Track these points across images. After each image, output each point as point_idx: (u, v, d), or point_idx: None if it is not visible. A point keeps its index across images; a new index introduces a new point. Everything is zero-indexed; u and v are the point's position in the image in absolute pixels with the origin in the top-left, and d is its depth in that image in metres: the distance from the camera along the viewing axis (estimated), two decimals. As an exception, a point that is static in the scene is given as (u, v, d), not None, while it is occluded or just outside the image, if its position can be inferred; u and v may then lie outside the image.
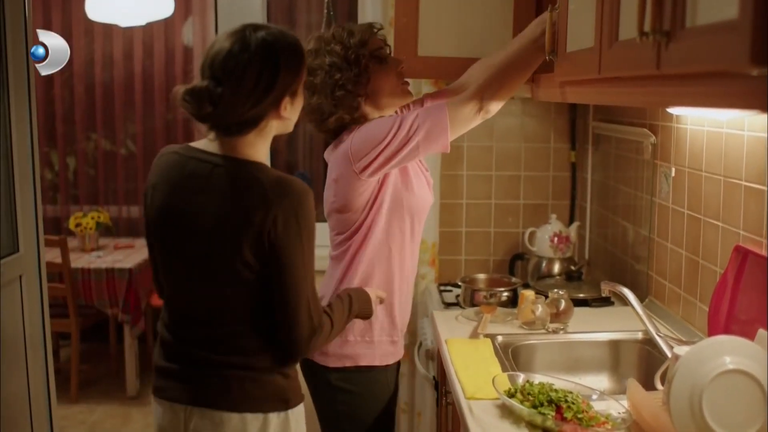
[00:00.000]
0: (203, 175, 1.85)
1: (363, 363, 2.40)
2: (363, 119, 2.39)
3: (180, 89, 1.80)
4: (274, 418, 1.89)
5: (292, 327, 1.85)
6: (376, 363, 2.41)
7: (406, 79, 2.45)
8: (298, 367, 2.04)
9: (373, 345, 2.40)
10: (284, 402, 1.93)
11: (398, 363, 2.51)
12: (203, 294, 1.89)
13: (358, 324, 2.36)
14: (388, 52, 2.43)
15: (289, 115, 1.89)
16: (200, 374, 1.90)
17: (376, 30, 2.42)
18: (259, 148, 1.89)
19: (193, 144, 1.94)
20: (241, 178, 1.83)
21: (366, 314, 2.22)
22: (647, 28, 1.42)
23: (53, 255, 4.53)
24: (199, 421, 1.88)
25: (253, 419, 1.87)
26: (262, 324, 1.88)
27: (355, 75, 2.34)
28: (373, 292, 2.29)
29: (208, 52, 1.82)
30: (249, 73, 1.78)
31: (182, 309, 1.95)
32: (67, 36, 5.62)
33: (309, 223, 1.85)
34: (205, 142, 1.90)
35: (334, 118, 2.36)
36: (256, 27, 1.83)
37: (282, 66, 1.81)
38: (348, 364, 2.39)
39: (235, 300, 1.86)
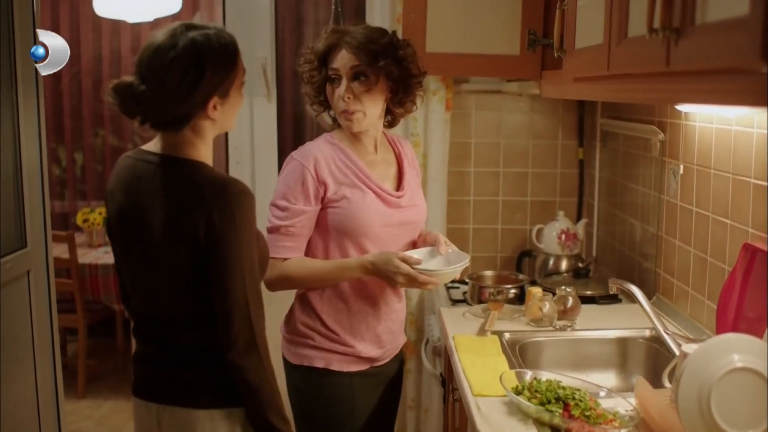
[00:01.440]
0: (148, 177, 1.87)
1: (317, 365, 2.39)
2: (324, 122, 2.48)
3: (109, 84, 1.81)
4: (241, 412, 1.90)
5: (226, 327, 1.83)
6: (333, 368, 2.39)
7: (348, 111, 2.34)
8: None
9: (321, 350, 2.39)
10: None
11: (364, 372, 2.45)
12: (158, 294, 1.91)
13: (301, 325, 2.40)
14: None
15: (219, 116, 1.86)
16: (166, 373, 1.93)
17: (345, 43, 2.33)
18: (199, 147, 1.88)
19: (143, 146, 1.95)
20: (178, 177, 1.85)
21: None
22: (657, 24, 1.42)
23: (61, 250, 4.55)
24: (169, 418, 1.92)
25: (220, 415, 1.89)
26: (213, 323, 1.87)
27: (308, 80, 2.41)
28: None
29: (142, 48, 1.83)
30: (173, 72, 1.77)
31: (143, 310, 1.98)
32: (74, 32, 5.64)
33: (246, 224, 1.83)
34: (153, 143, 1.92)
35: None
36: (189, 26, 1.82)
37: (208, 67, 1.78)
38: (305, 363, 2.40)
39: (186, 299, 1.88)
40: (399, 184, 2.48)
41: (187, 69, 1.77)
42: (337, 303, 2.40)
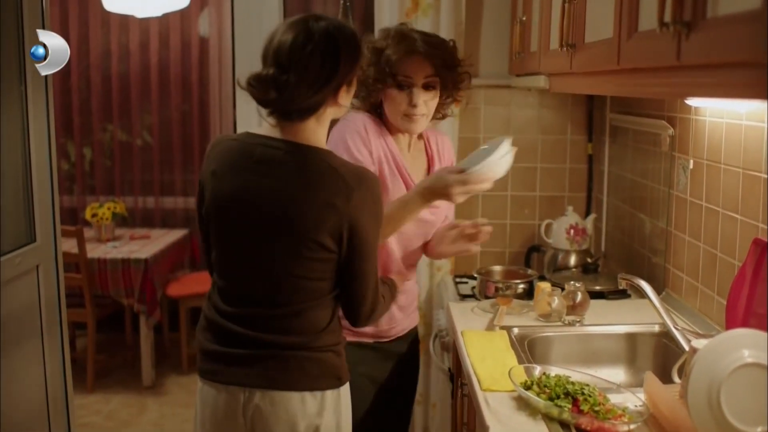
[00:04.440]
0: (273, 160, 1.91)
1: None
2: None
3: (245, 75, 1.87)
4: (329, 395, 1.97)
5: (360, 303, 1.98)
6: None
7: (415, 114, 2.37)
8: None
9: None
10: (338, 379, 2.00)
11: (361, 344, 2.49)
12: (268, 275, 1.93)
13: None
14: (410, 81, 2.36)
15: (345, 102, 1.96)
16: (259, 356, 1.95)
17: (422, 51, 2.34)
18: (319, 135, 1.96)
19: (255, 131, 1.99)
20: (315, 164, 1.90)
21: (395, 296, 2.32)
22: (668, 18, 1.41)
23: (70, 245, 4.56)
24: (259, 402, 1.94)
25: (311, 397, 1.94)
26: (325, 302, 1.96)
27: (371, 80, 2.39)
28: (397, 279, 2.39)
29: (270, 42, 1.89)
30: (313, 61, 1.84)
31: (241, 291, 1.98)
32: (83, 27, 5.66)
33: (381, 207, 1.97)
34: (267, 129, 1.96)
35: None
36: (318, 18, 1.90)
37: (342, 56, 1.87)
38: None
39: (304, 279, 1.92)
40: None
41: (325, 57, 1.85)
42: None
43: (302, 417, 1.93)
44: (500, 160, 2.19)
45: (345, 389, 2.03)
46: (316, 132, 1.94)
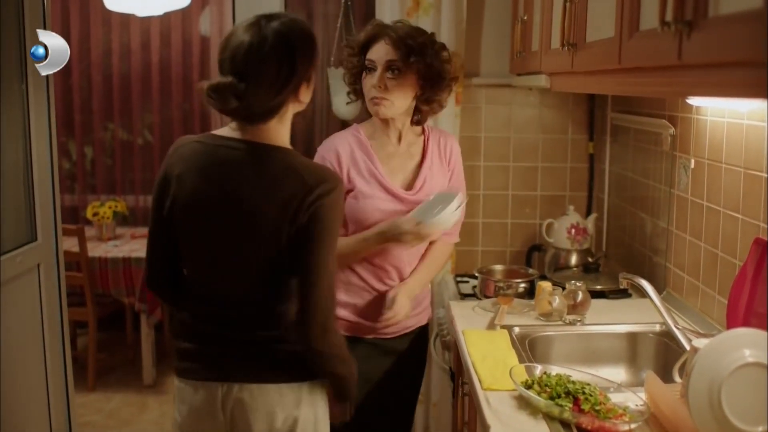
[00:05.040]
0: (235, 162, 1.91)
1: None
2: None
3: (204, 85, 1.85)
4: (306, 387, 1.97)
5: (312, 310, 1.90)
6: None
7: (378, 97, 2.46)
8: None
9: None
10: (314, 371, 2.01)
11: (358, 339, 2.54)
12: (237, 274, 1.95)
13: None
14: (374, 65, 2.47)
15: (305, 98, 1.97)
16: (235, 352, 1.96)
17: (387, 36, 2.46)
18: (281, 133, 1.96)
19: (215, 132, 1.99)
20: (277, 164, 1.90)
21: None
22: (669, 17, 1.41)
23: (71, 244, 4.55)
24: (237, 395, 1.95)
25: (288, 389, 1.95)
26: (287, 302, 1.94)
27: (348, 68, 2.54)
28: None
29: (226, 46, 1.88)
30: (269, 66, 1.84)
31: (211, 291, 1.99)
32: (84, 26, 5.66)
33: (341, 210, 1.97)
34: (228, 130, 1.96)
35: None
36: (270, 17, 1.89)
37: (298, 55, 1.88)
38: None
39: (266, 279, 1.93)
40: (414, 179, 2.56)
41: (281, 59, 1.85)
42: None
43: (281, 409, 1.95)
44: (452, 214, 2.40)
45: (322, 382, 2.03)
46: (278, 131, 1.94)
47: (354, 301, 2.53)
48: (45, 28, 3.10)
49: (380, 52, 2.44)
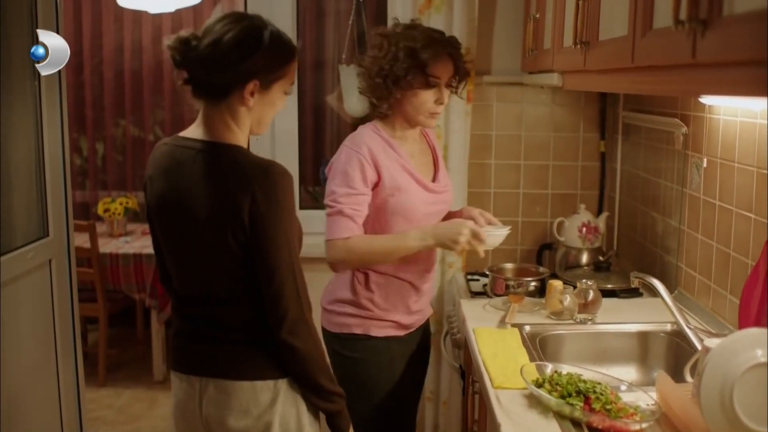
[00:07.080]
0: (188, 162, 1.93)
1: (357, 332, 2.55)
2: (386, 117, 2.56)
3: (170, 38, 1.90)
4: (283, 384, 1.96)
5: (276, 303, 1.89)
6: (372, 333, 2.55)
7: (438, 112, 2.54)
8: None
9: (359, 317, 2.55)
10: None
11: (402, 338, 2.62)
12: (203, 276, 1.96)
13: (340, 297, 2.58)
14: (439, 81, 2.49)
15: (255, 106, 1.92)
16: (209, 348, 1.98)
17: (448, 53, 2.49)
18: (236, 134, 1.94)
19: (181, 133, 2.01)
20: (221, 161, 1.91)
21: None
22: (683, 16, 1.40)
23: (82, 240, 4.57)
24: (213, 390, 1.97)
25: (263, 386, 1.95)
26: (258, 300, 1.93)
27: (398, 77, 2.45)
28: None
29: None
30: (231, 36, 1.85)
31: (184, 290, 2.03)
32: (96, 22, 5.67)
33: (289, 204, 1.90)
34: (191, 130, 1.98)
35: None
36: (262, 19, 1.93)
37: (263, 47, 1.88)
38: (345, 330, 2.56)
39: (229, 280, 1.94)
40: (435, 169, 2.66)
41: (242, 42, 1.86)
42: (376, 277, 2.54)
43: (255, 406, 1.95)
44: (504, 236, 2.55)
45: None
46: (233, 130, 1.93)
47: (404, 302, 2.60)
48: (57, 26, 3.11)
49: (445, 69, 2.48)
